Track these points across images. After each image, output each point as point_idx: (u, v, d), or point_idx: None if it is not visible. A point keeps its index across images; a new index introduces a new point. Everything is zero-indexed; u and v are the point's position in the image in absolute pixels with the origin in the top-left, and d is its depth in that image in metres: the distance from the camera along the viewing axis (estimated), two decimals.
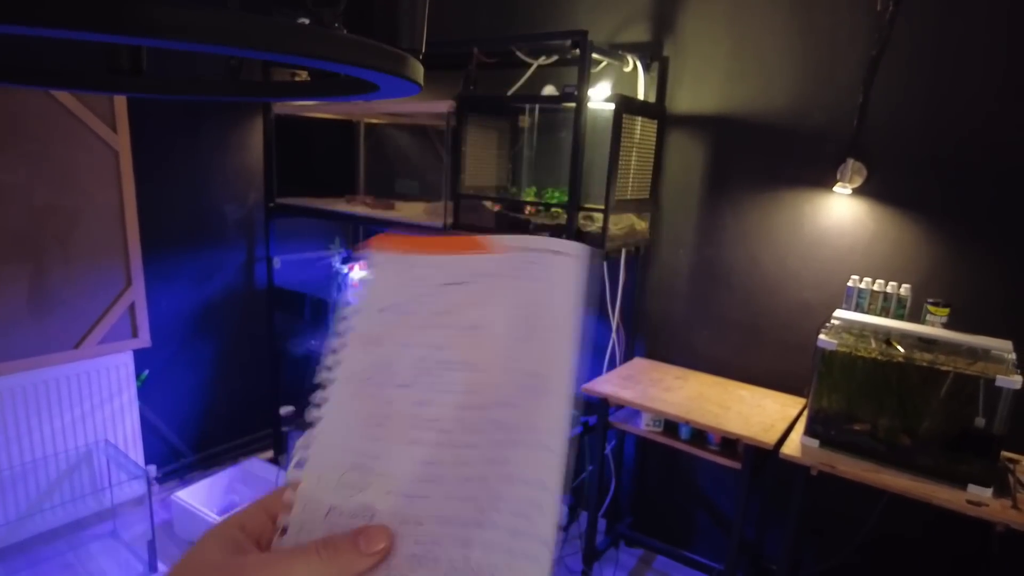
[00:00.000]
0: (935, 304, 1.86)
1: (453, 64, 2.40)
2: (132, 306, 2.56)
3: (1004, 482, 1.67)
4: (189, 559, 0.33)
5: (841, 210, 2.10)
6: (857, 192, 2.05)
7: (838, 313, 1.93)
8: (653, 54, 2.39)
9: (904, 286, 1.94)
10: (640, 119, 2.23)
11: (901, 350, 1.74)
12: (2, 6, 0.30)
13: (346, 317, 0.40)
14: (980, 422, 1.62)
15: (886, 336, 1.80)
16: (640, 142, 2.26)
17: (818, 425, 1.84)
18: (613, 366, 2.57)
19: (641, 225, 2.43)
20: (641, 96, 2.37)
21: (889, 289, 1.95)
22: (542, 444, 0.35)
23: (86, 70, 0.76)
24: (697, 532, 2.59)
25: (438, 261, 0.41)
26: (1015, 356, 1.65)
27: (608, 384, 2.23)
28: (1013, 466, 1.75)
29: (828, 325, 1.88)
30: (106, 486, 2.58)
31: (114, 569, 2.38)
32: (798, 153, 2.16)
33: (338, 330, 0.39)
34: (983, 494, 1.61)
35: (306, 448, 0.37)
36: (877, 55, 1.97)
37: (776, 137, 2.20)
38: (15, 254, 2.23)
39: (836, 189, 2.06)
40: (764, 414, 2.04)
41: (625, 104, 2.11)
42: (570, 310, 0.38)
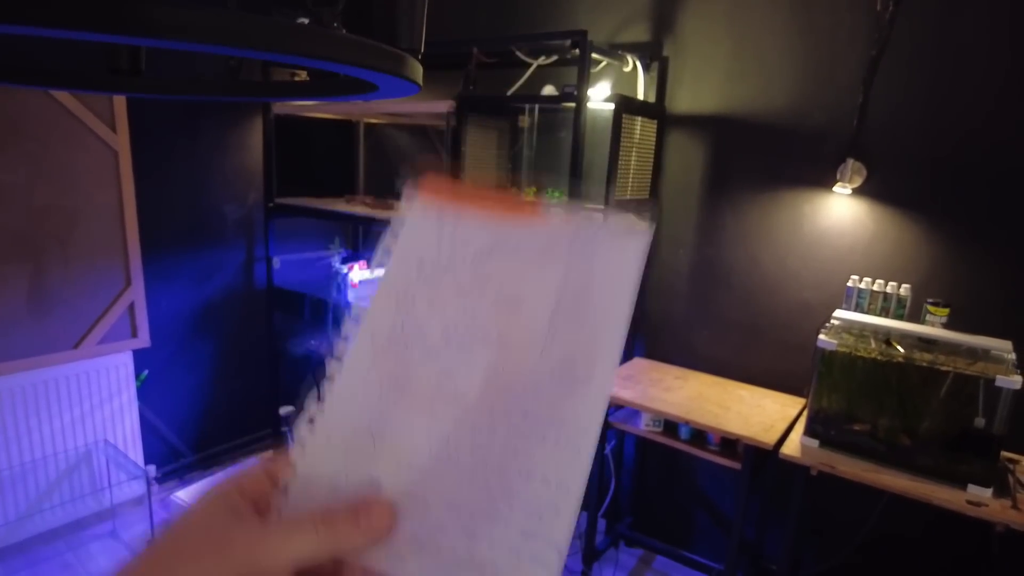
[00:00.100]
0: (935, 304, 1.86)
1: (453, 64, 2.40)
2: (132, 306, 2.56)
3: (1004, 482, 1.67)
4: (185, 520, 0.32)
5: (841, 210, 2.10)
6: (857, 192, 2.05)
7: (838, 313, 1.93)
8: (653, 54, 2.38)
9: (904, 286, 1.94)
10: (640, 119, 2.23)
11: (901, 350, 1.74)
12: (2, 6, 0.30)
13: (380, 262, 0.37)
14: (980, 422, 1.62)
15: (886, 336, 1.80)
16: (640, 142, 2.26)
17: (818, 425, 1.84)
18: None
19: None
20: (641, 96, 2.37)
21: (889, 289, 1.95)
22: (570, 442, 0.32)
23: (86, 70, 0.76)
24: (697, 532, 2.59)
25: (486, 221, 0.36)
26: (1015, 356, 1.65)
27: None
28: (1013, 466, 1.75)
29: (828, 325, 1.88)
30: (106, 486, 2.58)
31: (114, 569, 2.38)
32: (798, 153, 2.16)
33: (375, 275, 0.36)
34: (983, 494, 1.61)
35: (319, 404, 0.34)
36: (877, 55, 1.97)
37: (776, 137, 2.20)
38: (15, 254, 2.23)
39: (836, 189, 2.06)
40: (764, 414, 2.04)
41: (625, 104, 2.11)
42: (623, 297, 0.34)
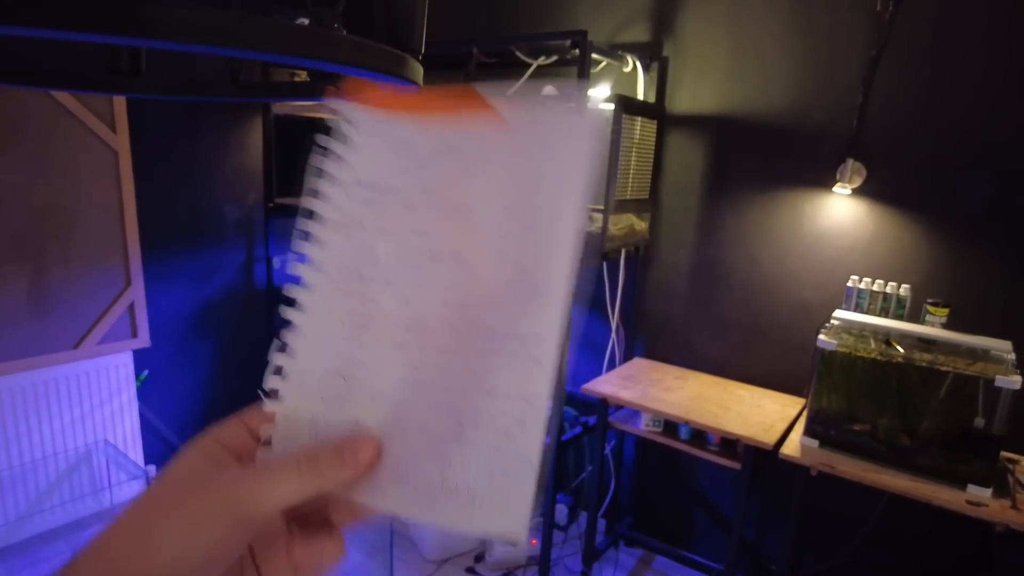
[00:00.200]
0: (935, 304, 1.86)
1: (453, 64, 2.40)
2: (131, 306, 2.56)
3: (1003, 482, 1.67)
4: (168, 473, 0.32)
5: (841, 210, 2.10)
6: (857, 192, 2.05)
7: (838, 313, 1.93)
8: (653, 54, 2.38)
9: (904, 286, 1.94)
10: (640, 119, 2.23)
11: (901, 350, 1.74)
12: (1, 7, 0.30)
13: (319, 190, 0.34)
14: (979, 422, 1.62)
15: (886, 336, 1.80)
16: (640, 142, 2.26)
17: (818, 425, 1.84)
18: (613, 366, 2.57)
19: (641, 225, 2.43)
20: (641, 96, 2.37)
21: (889, 289, 1.95)
22: (529, 355, 0.31)
23: (86, 70, 0.76)
24: (697, 532, 2.59)
25: (423, 124, 0.33)
26: (1014, 356, 1.65)
27: (608, 384, 2.23)
28: (1012, 466, 1.75)
29: (828, 325, 1.88)
30: (106, 486, 2.58)
31: None
32: (798, 153, 2.16)
33: (312, 207, 0.34)
34: (982, 494, 1.61)
35: (284, 353, 0.33)
36: (877, 55, 1.97)
37: (776, 137, 2.20)
38: (15, 254, 2.23)
39: (836, 189, 2.06)
40: (764, 414, 2.04)
41: (625, 104, 2.11)
42: (573, 193, 0.31)
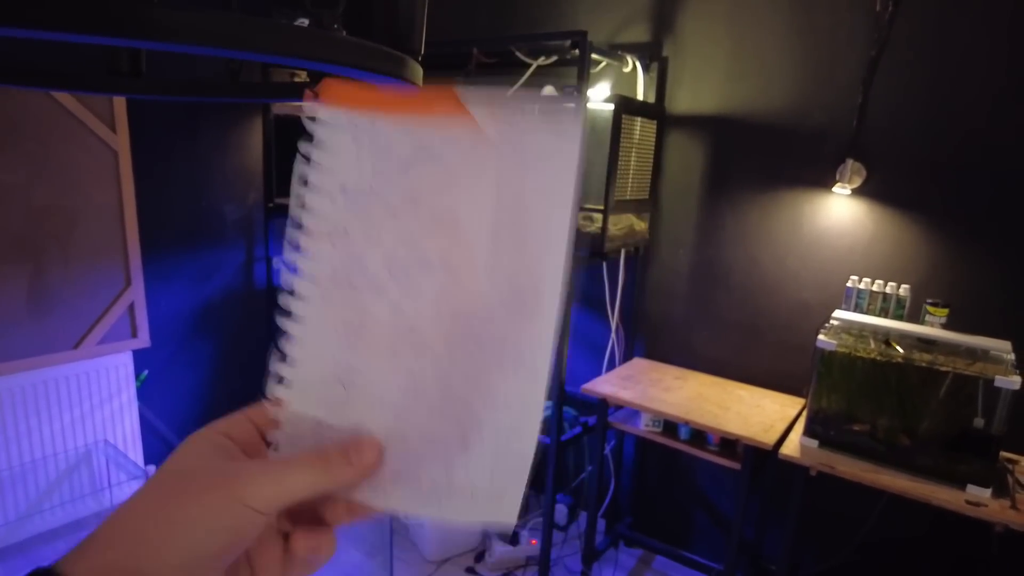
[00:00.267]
0: (934, 304, 1.86)
1: (453, 64, 2.40)
2: (131, 306, 2.56)
3: (1003, 482, 1.68)
4: (176, 463, 0.32)
5: (840, 210, 2.10)
6: (856, 192, 2.05)
7: (837, 313, 1.93)
8: (652, 54, 2.38)
9: (903, 286, 1.94)
10: (639, 119, 2.23)
11: (900, 350, 1.74)
12: (2, 8, 0.30)
13: (303, 197, 0.34)
14: (979, 422, 1.62)
15: (885, 336, 1.80)
16: (639, 142, 2.26)
17: (817, 425, 1.84)
18: (612, 366, 2.57)
19: (640, 225, 2.43)
20: (640, 96, 2.37)
21: (888, 289, 1.95)
22: (527, 366, 0.33)
23: (86, 71, 0.76)
24: (696, 532, 2.59)
25: (403, 125, 0.33)
26: (1014, 356, 1.65)
27: (607, 384, 2.23)
28: (1012, 466, 1.75)
29: (827, 325, 1.88)
30: (105, 486, 2.58)
31: None
32: (798, 153, 2.16)
33: (298, 216, 0.34)
34: (982, 494, 1.61)
35: (285, 363, 0.34)
36: (877, 55, 1.97)
37: (776, 137, 2.20)
38: (15, 254, 2.23)
39: (836, 189, 2.06)
40: (763, 414, 2.04)
41: (624, 104, 2.11)
42: (562, 206, 0.32)
